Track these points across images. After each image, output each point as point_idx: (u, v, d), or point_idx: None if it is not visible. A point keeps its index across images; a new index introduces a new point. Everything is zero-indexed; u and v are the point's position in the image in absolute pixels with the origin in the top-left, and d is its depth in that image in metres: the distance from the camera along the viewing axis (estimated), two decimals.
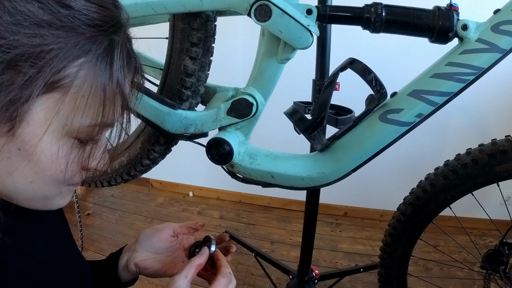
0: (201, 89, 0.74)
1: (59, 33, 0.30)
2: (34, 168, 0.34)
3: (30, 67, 0.29)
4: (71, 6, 0.31)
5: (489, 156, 0.65)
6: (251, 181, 0.70)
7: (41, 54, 0.30)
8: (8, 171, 0.33)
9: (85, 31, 0.32)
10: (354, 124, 0.62)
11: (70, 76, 0.31)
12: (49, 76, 0.30)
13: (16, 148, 0.32)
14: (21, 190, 0.35)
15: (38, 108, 0.31)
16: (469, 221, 1.75)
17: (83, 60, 0.32)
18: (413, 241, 0.80)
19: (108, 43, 0.33)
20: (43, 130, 0.32)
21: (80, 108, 0.33)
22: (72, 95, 0.32)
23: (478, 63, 0.55)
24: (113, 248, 1.66)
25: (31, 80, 0.30)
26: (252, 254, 1.48)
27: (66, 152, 0.34)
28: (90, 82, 0.33)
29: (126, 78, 0.35)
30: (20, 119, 0.31)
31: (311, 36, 0.58)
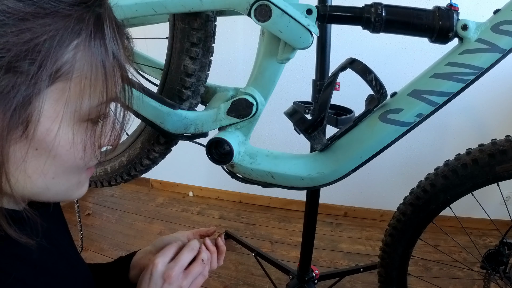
0: (201, 89, 0.74)
1: (46, 21, 0.29)
2: (55, 163, 0.33)
3: (29, 65, 0.29)
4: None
5: (489, 156, 0.65)
6: (251, 181, 0.70)
7: (36, 48, 0.29)
8: (29, 174, 0.33)
9: (71, 11, 0.30)
10: (354, 124, 0.62)
11: (69, 62, 0.31)
12: (50, 68, 0.30)
13: (33, 149, 0.32)
14: (44, 189, 0.34)
15: (46, 103, 0.30)
16: (469, 221, 1.75)
17: (77, 42, 0.31)
18: (413, 241, 0.80)
19: (96, 18, 0.32)
20: (56, 123, 0.32)
21: (86, 91, 0.32)
22: (75, 80, 0.31)
23: (478, 63, 0.55)
24: (113, 248, 1.66)
25: (34, 78, 0.29)
26: (252, 254, 1.48)
27: (82, 137, 0.34)
28: (89, 62, 0.32)
29: (120, 47, 0.35)
30: (31, 119, 0.30)
31: (311, 36, 0.58)
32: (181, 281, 0.50)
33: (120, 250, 1.65)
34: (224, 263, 1.55)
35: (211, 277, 1.48)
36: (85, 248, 1.64)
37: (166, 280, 0.49)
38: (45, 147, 0.32)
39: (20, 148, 0.31)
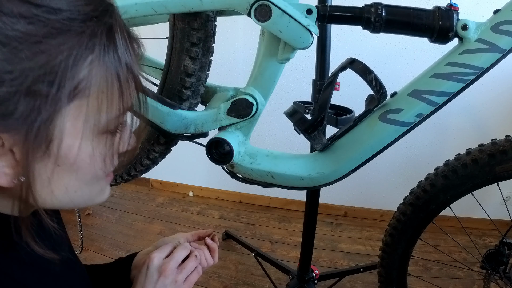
0: (201, 89, 0.74)
1: (60, 41, 0.29)
2: (77, 177, 0.34)
3: (47, 87, 0.29)
4: (59, 8, 0.29)
5: (489, 156, 0.65)
6: (251, 181, 0.70)
7: (53, 69, 0.29)
8: (52, 189, 0.33)
9: (83, 28, 0.30)
10: (354, 124, 0.62)
11: (85, 79, 0.31)
12: (68, 87, 0.30)
13: (56, 165, 0.32)
14: (68, 202, 0.36)
15: (66, 120, 0.31)
16: (469, 221, 1.75)
17: (91, 58, 0.31)
18: (413, 241, 0.80)
19: (108, 30, 0.32)
20: (76, 139, 0.32)
21: (103, 104, 0.33)
22: (92, 96, 0.32)
23: (478, 63, 0.55)
24: (113, 248, 1.66)
25: (53, 99, 0.29)
26: (252, 254, 1.48)
27: (102, 149, 0.35)
28: (104, 76, 0.32)
29: (132, 56, 0.35)
30: (52, 137, 0.31)
31: (311, 36, 0.58)
32: (176, 275, 0.52)
33: (120, 250, 1.65)
34: (224, 263, 1.55)
35: (211, 277, 1.48)
36: (85, 248, 1.64)
37: (161, 274, 0.51)
38: (67, 162, 0.33)
39: (43, 165, 0.32)
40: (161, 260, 0.53)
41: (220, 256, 1.59)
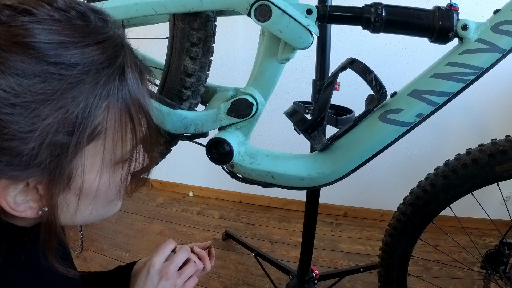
0: (201, 89, 0.74)
1: (75, 94, 0.30)
2: (95, 202, 0.37)
3: (67, 137, 0.31)
4: (74, 63, 0.30)
5: (489, 156, 0.65)
6: (251, 181, 0.70)
7: (70, 122, 0.30)
8: (72, 215, 0.36)
9: (98, 78, 0.31)
10: (354, 124, 0.62)
11: (101, 124, 0.33)
12: (86, 134, 0.32)
13: (74, 195, 0.35)
14: (83, 221, 0.38)
15: (84, 160, 0.33)
16: (469, 221, 1.75)
17: (106, 103, 0.32)
18: (413, 241, 0.80)
19: (121, 73, 0.33)
20: (94, 174, 0.35)
21: (118, 141, 0.35)
22: (108, 136, 0.34)
23: (478, 63, 0.55)
24: (113, 248, 1.66)
25: (73, 146, 0.31)
26: (252, 254, 1.48)
27: (118, 176, 0.38)
28: (118, 116, 0.34)
29: (142, 88, 0.36)
30: (71, 176, 0.33)
31: (311, 36, 0.58)
32: (175, 279, 0.54)
33: (120, 250, 1.65)
34: (224, 263, 1.55)
35: (211, 277, 1.48)
36: (85, 248, 1.64)
37: (162, 277, 0.53)
38: (85, 193, 0.36)
39: (64, 197, 0.35)
40: (161, 264, 0.54)
41: (220, 256, 1.60)
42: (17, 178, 0.31)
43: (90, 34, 0.32)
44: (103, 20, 0.34)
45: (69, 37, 0.30)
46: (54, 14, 0.30)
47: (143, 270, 0.54)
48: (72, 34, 0.31)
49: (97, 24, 0.33)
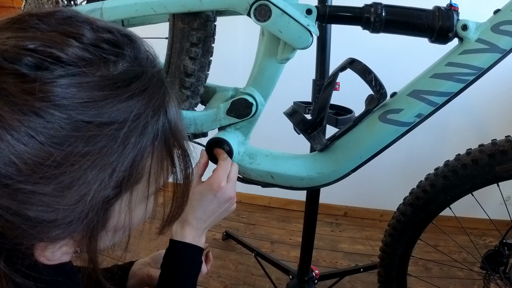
0: (201, 89, 0.74)
1: (124, 149, 0.28)
2: (124, 232, 0.36)
3: (111, 191, 0.29)
4: (121, 120, 0.27)
5: (489, 157, 0.65)
6: (251, 181, 0.70)
7: (118, 178, 0.28)
8: (102, 244, 0.35)
9: (146, 129, 0.29)
10: (354, 124, 0.62)
11: (145, 169, 0.31)
12: (131, 183, 0.30)
13: (111, 232, 0.34)
14: (110, 245, 0.38)
15: (123, 202, 0.31)
16: (469, 221, 1.75)
17: (150, 148, 0.30)
18: (413, 241, 0.80)
19: (164, 112, 0.31)
20: (132, 211, 0.33)
21: (158, 178, 0.34)
22: (151, 176, 0.32)
23: (478, 63, 0.55)
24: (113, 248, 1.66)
25: (117, 197, 0.30)
26: (252, 254, 1.48)
27: (151, 207, 0.37)
28: (161, 155, 0.32)
29: (181, 117, 0.34)
30: (108, 218, 0.31)
31: (311, 36, 0.58)
32: None
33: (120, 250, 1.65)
34: (224, 263, 1.55)
35: (211, 277, 1.48)
36: None
37: (227, 201, 0.54)
38: (121, 228, 0.34)
39: (100, 236, 0.32)
40: (228, 187, 0.54)
41: (220, 256, 1.60)
42: (58, 238, 0.29)
43: (133, 80, 0.28)
44: (132, 44, 0.31)
45: (112, 90, 0.27)
46: (86, 55, 0.26)
47: (206, 192, 0.53)
48: (114, 84, 0.27)
49: (131, 54, 0.30)
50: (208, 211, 0.53)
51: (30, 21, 0.26)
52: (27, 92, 0.24)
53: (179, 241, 0.53)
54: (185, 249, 0.53)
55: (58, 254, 0.31)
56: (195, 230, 0.53)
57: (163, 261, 0.54)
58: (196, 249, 0.54)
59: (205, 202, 0.53)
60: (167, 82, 0.34)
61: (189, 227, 0.53)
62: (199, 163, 0.61)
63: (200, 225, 0.54)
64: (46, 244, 0.30)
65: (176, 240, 0.53)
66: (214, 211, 0.54)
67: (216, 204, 0.53)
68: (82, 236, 0.30)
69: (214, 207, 0.53)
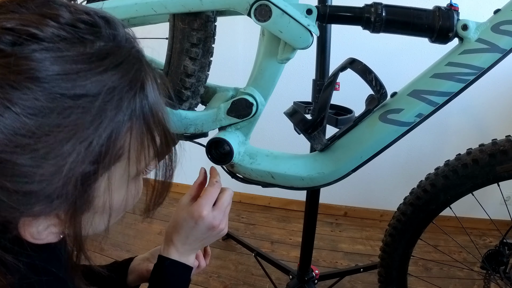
0: (201, 89, 0.74)
1: (100, 123, 0.28)
2: (112, 214, 0.36)
3: (90, 166, 0.29)
4: (95, 93, 0.28)
5: (489, 156, 0.65)
6: (251, 181, 0.69)
7: (94, 153, 0.29)
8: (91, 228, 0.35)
9: (121, 103, 0.30)
10: (354, 124, 0.62)
11: (124, 146, 0.31)
12: (110, 160, 0.31)
13: (95, 213, 0.34)
14: (98, 231, 0.38)
15: (105, 181, 0.32)
16: (469, 221, 1.75)
17: (129, 125, 0.31)
18: (413, 241, 0.80)
19: (141, 88, 0.32)
20: (114, 192, 0.34)
21: (139, 157, 0.34)
22: (131, 155, 0.33)
23: (478, 63, 0.55)
24: (113, 248, 1.66)
25: (97, 173, 0.30)
26: (252, 254, 1.48)
27: (134, 188, 0.37)
28: (140, 136, 0.33)
29: (159, 95, 0.35)
30: (93, 198, 0.32)
31: (311, 36, 0.58)
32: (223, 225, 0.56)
33: (120, 250, 1.65)
34: (224, 263, 1.55)
35: (211, 277, 1.48)
36: None
37: (210, 229, 0.53)
38: (104, 209, 0.34)
39: (85, 216, 0.33)
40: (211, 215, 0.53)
41: (220, 256, 1.60)
42: (41, 214, 0.30)
43: (107, 54, 0.29)
44: (110, 25, 0.31)
45: (85, 63, 0.28)
46: (63, 34, 0.27)
47: (188, 219, 0.52)
48: (88, 59, 0.28)
49: (108, 34, 0.31)
50: (191, 237, 0.53)
51: (10, 5, 0.28)
52: (3, 66, 0.25)
53: (167, 257, 0.53)
54: (173, 266, 0.53)
55: (44, 234, 0.32)
56: (180, 251, 0.53)
57: (151, 276, 0.54)
58: (185, 267, 0.54)
59: (187, 228, 0.52)
60: (147, 63, 0.34)
61: (173, 247, 0.53)
62: (195, 183, 0.59)
63: (185, 247, 0.53)
64: (30, 220, 0.30)
65: (165, 256, 0.53)
66: (197, 237, 0.53)
67: (198, 231, 0.52)
68: (67, 214, 0.31)
69: (196, 234, 0.53)
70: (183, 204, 0.55)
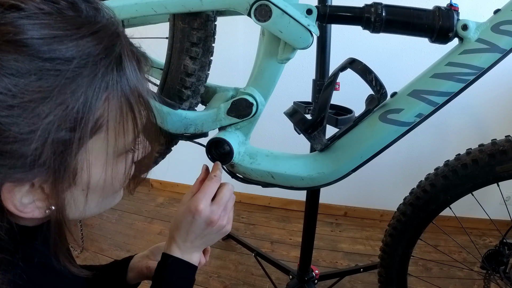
0: (201, 89, 0.74)
1: (74, 88, 0.30)
2: (100, 195, 0.37)
3: (69, 133, 0.30)
4: (70, 57, 0.29)
5: (489, 156, 0.65)
6: (251, 181, 0.69)
7: (71, 117, 0.30)
8: (78, 209, 0.36)
9: (95, 70, 0.31)
10: (354, 124, 0.62)
11: (103, 116, 0.32)
12: (88, 128, 0.31)
13: (80, 191, 0.35)
14: (89, 214, 0.38)
15: (87, 154, 0.33)
16: (469, 221, 1.75)
17: (106, 95, 0.32)
18: (413, 241, 0.80)
19: (118, 63, 0.33)
20: (98, 167, 0.35)
21: (120, 132, 0.35)
22: (110, 128, 0.33)
23: (478, 63, 0.55)
24: (113, 248, 1.66)
25: (75, 142, 0.31)
26: (252, 254, 1.48)
27: (121, 168, 0.37)
28: (119, 107, 0.34)
29: (140, 77, 0.36)
30: (76, 171, 0.33)
31: (311, 36, 0.58)
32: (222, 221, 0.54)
33: (120, 250, 1.65)
34: (224, 263, 1.56)
35: (211, 277, 1.48)
36: (85, 248, 1.64)
37: (209, 225, 0.52)
38: (91, 187, 0.35)
39: (70, 193, 0.34)
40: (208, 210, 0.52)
41: (220, 256, 1.60)
42: (22, 180, 0.30)
43: (84, 25, 0.31)
44: (94, 9, 0.33)
45: (62, 30, 0.29)
46: (44, 7, 0.29)
47: (186, 213, 0.52)
48: (65, 27, 0.30)
49: (89, 14, 0.32)
50: (190, 233, 0.52)
51: None
52: None
53: (170, 255, 0.52)
54: (176, 264, 0.52)
55: (29, 207, 0.32)
56: (181, 249, 0.53)
57: (154, 274, 0.53)
58: (188, 266, 0.53)
59: (186, 224, 0.52)
60: (129, 44, 0.35)
61: (175, 245, 0.53)
62: (197, 180, 0.58)
63: (186, 244, 0.53)
64: (12, 187, 0.31)
65: (168, 254, 0.53)
66: (197, 234, 0.52)
67: (196, 226, 0.51)
68: (50, 187, 0.32)
69: (195, 230, 0.52)
70: (183, 201, 0.54)
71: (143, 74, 0.37)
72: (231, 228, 0.56)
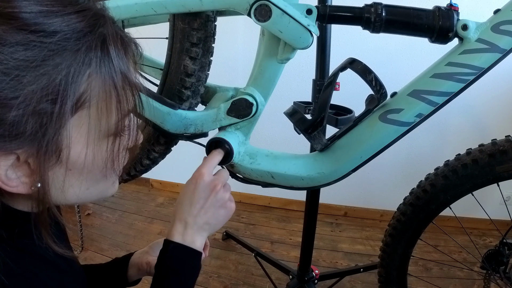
0: (201, 89, 0.74)
1: (57, 61, 0.31)
2: (87, 177, 0.37)
3: (51, 105, 0.31)
4: (54, 31, 0.31)
5: (489, 156, 0.65)
6: (251, 181, 0.70)
7: (54, 89, 0.31)
8: (66, 191, 0.36)
9: (79, 45, 0.32)
10: (354, 124, 0.62)
11: (85, 92, 0.33)
12: (70, 103, 0.32)
13: (67, 170, 0.35)
14: (77, 198, 0.38)
15: (71, 131, 0.34)
16: (469, 221, 1.75)
17: (89, 71, 0.33)
18: (413, 241, 0.80)
19: (102, 41, 0.34)
20: (84, 146, 0.35)
21: (103, 112, 0.35)
22: (93, 106, 0.34)
23: (478, 63, 0.55)
24: (113, 248, 1.66)
25: (58, 115, 0.32)
26: (252, 254, 1.48)
27: (109, 150, 0.38)
28: (102, 86, 0.34)
29: (127, 62, 0.37)
30: (61, 148, 0.33)
31: (311, 36, 0.58)
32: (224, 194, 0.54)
33: (120, 250, 1.65)
34: (224, 263, 1.56)
35: (211, 277, 1.48)
36: (85, 248, 1.64)
37: (213, 191, 0.52)
38: (77, 167, 0.36)
39: (56, 171, 0.35)
40: (211, 176, 0.53)
41: (220, 256, 1.60)
42: (5, 149, 0.31)
43: (71, 3, 0.33)
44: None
45: (48, 7, 0.31)
46: None
47: (189, 183, 0.53)
48: (52, 4, 0.32)
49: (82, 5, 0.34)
50: (194, 203, 0.51)
51: None
52: None
53: (171, 241, 0.51)
54: (178, 250, 0.50)
55: (15, 182, 0.33)
56: (182, 224, 0.51)
57: (157, 262, 0.52)
58: (190, 251, 0.50)
59: (189, 193, 0.52)
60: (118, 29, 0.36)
61: (177, 222, 0.51)
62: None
63: (189, 220, 0.51)
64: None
65: (169, 240, 0.51)
66: (201, 204, 0.51)
67: (200, 192, 0.51)
68: (35, 162, 0.33)
69: (199, 198, 0.51)
70: None
71: (130, 59, 0.37)
72: (235, 207, 0.56)
